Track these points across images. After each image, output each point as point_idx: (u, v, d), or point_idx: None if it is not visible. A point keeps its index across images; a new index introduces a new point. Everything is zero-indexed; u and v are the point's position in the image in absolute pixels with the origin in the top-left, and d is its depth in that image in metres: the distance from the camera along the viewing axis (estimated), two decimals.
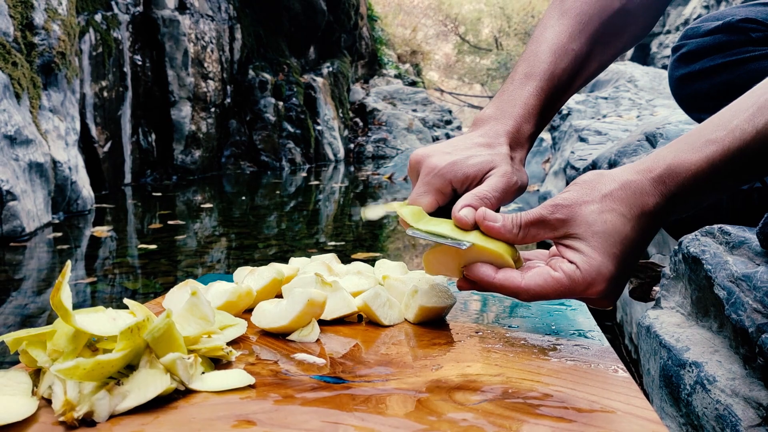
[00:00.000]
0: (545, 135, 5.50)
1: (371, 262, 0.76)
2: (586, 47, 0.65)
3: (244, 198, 4.65)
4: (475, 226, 0.54)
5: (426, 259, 0.57)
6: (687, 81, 0.92)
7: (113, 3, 5.07)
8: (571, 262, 0.49)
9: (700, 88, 0.90)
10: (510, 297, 0.53)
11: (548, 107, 0.65)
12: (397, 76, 11.10)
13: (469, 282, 0.54)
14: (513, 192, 0.60)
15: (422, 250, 2.60)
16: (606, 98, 3.88)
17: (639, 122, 2.76)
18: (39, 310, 1.71)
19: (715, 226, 0.66)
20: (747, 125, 0.46)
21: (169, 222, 3.27)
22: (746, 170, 0.47)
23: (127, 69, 5.18)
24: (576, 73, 0.66)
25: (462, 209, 0.55)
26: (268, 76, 7.03)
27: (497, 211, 0.57)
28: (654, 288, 0.92)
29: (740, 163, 0.46)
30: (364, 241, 2.77)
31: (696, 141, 0.48)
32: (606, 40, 0.67)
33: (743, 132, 0.46)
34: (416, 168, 0.61)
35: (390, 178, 5.75)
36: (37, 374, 0.44)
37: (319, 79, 8.02)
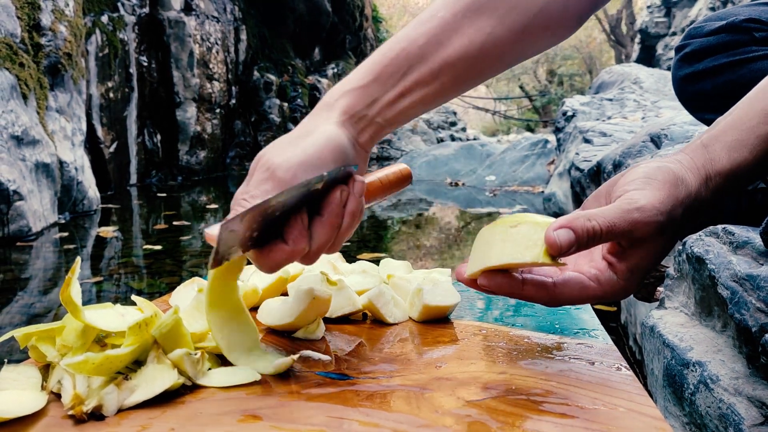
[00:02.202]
0: (550, 137, 5.50)
1: (376, 262, 0.76)
2: (450, 16, 0.54)
3: None
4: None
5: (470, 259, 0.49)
6: (690, 81, 0.92)
7: (119, 4, 5.09)
8: (616, 273, 0.45)
9: (704, 88, 0.90)
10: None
11: (393, 73, 0.52)
12: None
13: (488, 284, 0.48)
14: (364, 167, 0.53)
15: (424, 251, 2.60)
16: (611, 100, 3.87)
17: (644, 124, 2.76)
18: (45, 309, 1.72)
19: (719, 227, 0.66)
20: None
21: (174, 222, 3.29)
22: None
23: (132, 70, 5.20)
24: (440, 38, 0.53)
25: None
26: (273, 77, 7.05)
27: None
28: (658, 288, 0.92)
29: None
30: (369, 242, 2.78)
31: (746, 138, 0.46)
32: (477, 15, 0.54)
33: None
34: (256, 168, 0.49)
35: None
36: (46, 369, 0.44)
37: (324, 81, 8.03)
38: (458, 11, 0.53)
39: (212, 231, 0.43)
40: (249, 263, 0.52)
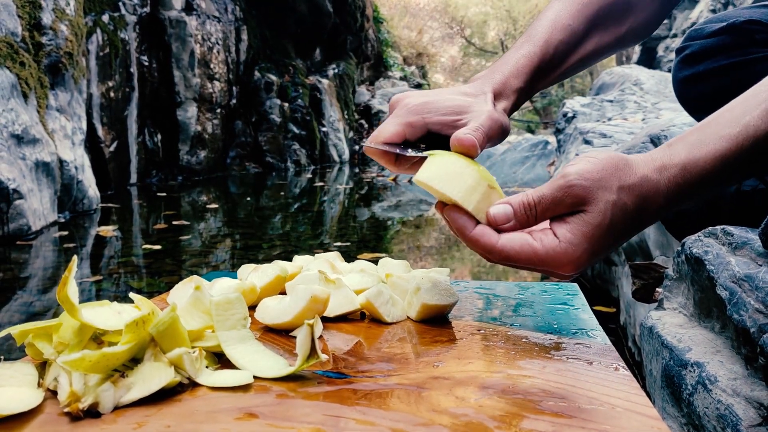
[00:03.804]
0: (550, 138, 5.50)
1: (375, 262, 0.76)
2: (583, 26, 0.68)
3: (248, 199, 4.66)
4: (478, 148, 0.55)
5: (427, 163, 0.54)
6: (691, 82, 0.92)
7: (120, 4, 5.10)
8: (556, 236, 0.49)
9: (704, 90, 0.90)
10: (478, 253, 0.52)
11: (540, 71, 0.66)
12: (403, 78, 11.11)
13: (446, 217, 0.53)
14: (497, 130, 0.59)
15: (424, 251, 2.60)
16: (611, 101, 3.87)
17: (644, 125, 2.76)
18: (44, 308, 1.72)
19: (718, 227, 0.66)
20: (760, 121, 0.46)
21: (174, 222, 3.29)
22: (756, 165, 0.47)
23: (133, 69, 5.20)
24: (571, 48, 0.68)
25: (466, 134, 0.55)
26: (273, 78, 7.05)
27: (483, 147, 0.57)
28: (657, 289, 0.92)
29: (751, 159, 0.46)
30: (369, 242, 2.78)
31: (708, 138, 0.48)
32: (605, 24, 0.70)
33: (756, 129, 0.46)
34: (393, 107, 0.62)
35: (395, 180, 5.75)
36: (43, 366, 0.44)
37: (325, 81, 8.04)
38: (586, 20, 0.68)
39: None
40: None
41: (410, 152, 0.57)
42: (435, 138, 0.61)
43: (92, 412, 0.38)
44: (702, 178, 0.47)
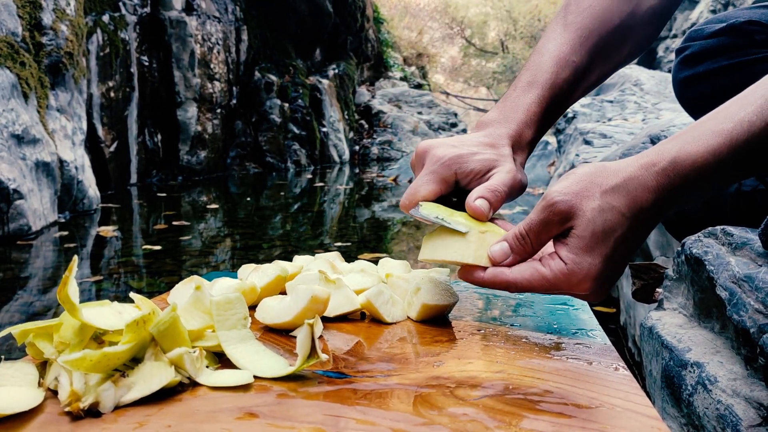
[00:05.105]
0: (550, 138, 5.50)
1: (375, 262, 0.76)
2: (586, 59, 0.68)
3: (249, 199, 4.66)
4: (489, 217, 0.57)
5: (424, 241, 0.58)
6: (690, 83, 0.92)
7: (121, 4, 5.10)
8: (561, 259, 0.50)
9: (704, 90, 0.90)
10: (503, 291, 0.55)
11: (549, 115, 0.67)
12: (403, 79, 11.11)
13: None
14: (517, 189, 0.61)
15: None
16: (612, 102, 3.87)
17: (644, 125, 2.76)
18: (45, 308, 1.72)
19: (718, 228, 0.66)
20: (755, 117, 0.45)
21: (174, 222, 3.29)
22: (751, 162, 0.47)
23: (134, 69, 5.20)
24: (576, 83, 0.69)
25: (477, 200, 0.57)
26: (274, 78, 7.05)
27: (500, 204, 0.59)
28: (657, 289, 0.92)
29: (746, 155, 0.46)
30: (369, 243, 2.78)
31: (701, 133, 0.47)
32: (605, 53, 0.70)
33: (751, 124, 0.45)
34: (422, 157, 0.63)
35: (395, 180, 5.75)
36: (43, 366, 0.44)
37: (325, 81, 8.04)
38: (588, 53, 0.68)
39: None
40: None
41: (433, 219, 0.58)
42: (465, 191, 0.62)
43: (93, 412, 0.38)
44: (694, 172, 0.47)
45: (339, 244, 2.68)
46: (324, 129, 7.77)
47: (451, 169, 0.60)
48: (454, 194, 0.63)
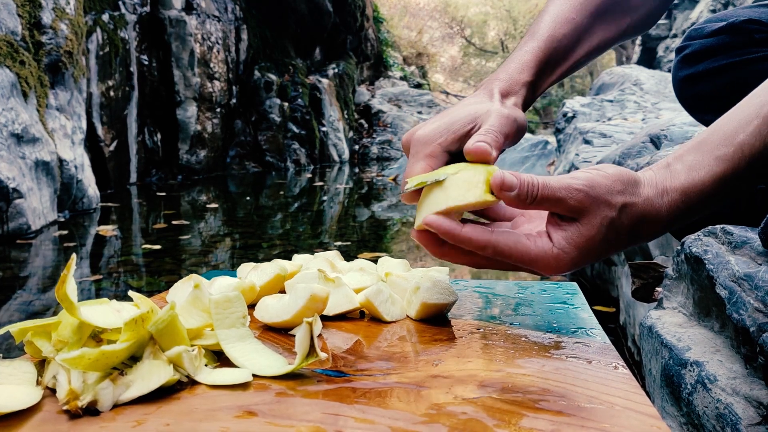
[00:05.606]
0: (550, 138, 5.50)
1: (375, 261, 0.76)
2: (587, 19, 0.69)
3: (248, 198, 4.66)
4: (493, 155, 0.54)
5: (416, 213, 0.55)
6: (690, 82, 0.92)
7: (120, 3, 5.09)
8: (551, 239, 0.49)
9: (704, 89, 0.90)
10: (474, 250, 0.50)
11: (547, 65, 0.67)
12: (403, 78, 11.11)
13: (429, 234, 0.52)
14: (512, 125, 0.59)
15: (424, 251, 2.60)
16: (611, 101, 3.87)
17: (644, 125, 2.76)
18: (44, 307, 1.72)
19: (718, 227, 0.66)
20: (754, 140, 0.47)
21: (174, 222, 3.29)
22: (752, 181, 0.49)
23: (133, 69, 5.20)
24: (576, 41, 0.69)
25: (474, 144, 0.54)
26: (273, 77, 7.05)
27: (503, 149, 0.57)
28: (657, 288, 0.92)
29: (748, 176, 0.48)
30: (368, 242, 2.78)
31: (705, 159, 0.48)
32: (608, 17, 0.71)
33: (752, 147, 0.47)
34: (407, 146, 0.62)
35: (394, 179, 5.76)
36: (41, 364, 0.44)
37: (325, 81, 8.04)
38: (589, 14, 0.69)
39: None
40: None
41: (414, 186, 0.53)
42: (461, 157, 0.59)
43: (91, 410, 0.38)
44: (702, 200, 0.48)
45: (338, 243, 2.68)
46: (324, 128, 7.77)
47: (431, 142, 0.58)
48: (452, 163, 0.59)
